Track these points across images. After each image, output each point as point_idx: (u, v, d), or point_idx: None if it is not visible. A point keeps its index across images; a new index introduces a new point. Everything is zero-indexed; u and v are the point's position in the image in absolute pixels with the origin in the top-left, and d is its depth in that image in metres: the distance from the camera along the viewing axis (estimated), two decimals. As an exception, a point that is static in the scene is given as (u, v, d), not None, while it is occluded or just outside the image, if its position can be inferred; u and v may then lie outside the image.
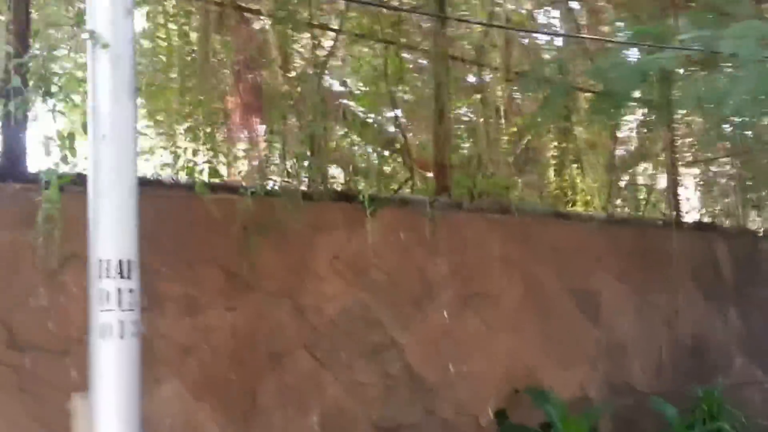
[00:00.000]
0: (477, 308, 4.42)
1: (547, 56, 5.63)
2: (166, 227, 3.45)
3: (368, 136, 4.93)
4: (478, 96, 5.36)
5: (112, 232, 2.39)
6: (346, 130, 4.67)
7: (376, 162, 4.89)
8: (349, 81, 4.92)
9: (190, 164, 3.76)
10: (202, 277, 3.50)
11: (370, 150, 4.88)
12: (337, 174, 4.67)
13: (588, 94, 5.50)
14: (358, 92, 4.96)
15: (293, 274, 3.78)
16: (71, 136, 2.70)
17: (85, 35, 2.38)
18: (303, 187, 4.02)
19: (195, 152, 3.93)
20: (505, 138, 5.35)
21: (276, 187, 3.81)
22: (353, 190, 4.28)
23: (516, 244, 4.71)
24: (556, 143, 5.88)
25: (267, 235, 3.63)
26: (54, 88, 2.62)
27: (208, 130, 4.12)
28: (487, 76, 5.55)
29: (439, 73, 4.71)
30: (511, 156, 5.24)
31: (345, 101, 4.74)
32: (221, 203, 3.52)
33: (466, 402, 4.24)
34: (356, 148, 4.90)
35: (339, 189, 4.27)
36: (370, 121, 4.96)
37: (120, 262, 2.37)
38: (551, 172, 5.99)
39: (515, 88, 5.36)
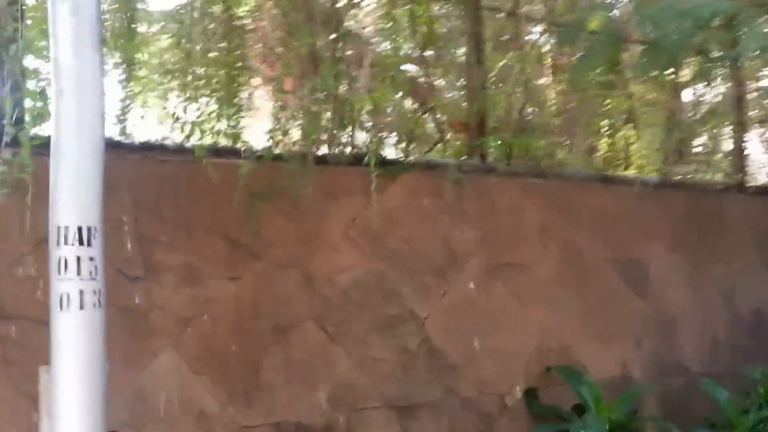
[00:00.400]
0: (507, 279, 4.10)
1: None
2: (167, 193, 3.30)
3: (394, 93, 4.60)
4: (518, 51, 4.94)
5: (72, 197, 2.23)
6: (368, 88, 4.36)
7: (402, 122, 4.56)
8: (374, 35, 4.59)
9: (196, 128, 3.57)
10: (204, 246, 3.33)
11: (393, 109, 4.54)
12: (360, 136, 4.38)
13: (641, 46, 4.98)
14: (385, 47, 4.62)
15: (303, 242, 3.56)
16: (42, 94, 2.54)
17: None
18: (317, 151, 3.78)
19: (219, 117, 3.75)
20: (548, 96, 4.94)
21: (286, 150, 3.57)
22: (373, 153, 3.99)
23: (554, 210, 4.35)
24: (605, 101, 5.40)
25: (275, 201, 3.42)
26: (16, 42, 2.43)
27: (227, 93, 3.92)
28: (529, 30, 5.12)
29: (470, 24, 4.35)
30: (553, 115, 4.82)
31: (369, 57, 4.42)
32: (227, 168, 3.32)
33: (491, 380, 3.95)
34: (380, 107, 4.58)
35: (357, 152, 3.98)
36: (395, 77, 4.62)
37: (80, 228, 2.21)
38: (600, 133, 5.52)
39: (558, 40, 4.91)
